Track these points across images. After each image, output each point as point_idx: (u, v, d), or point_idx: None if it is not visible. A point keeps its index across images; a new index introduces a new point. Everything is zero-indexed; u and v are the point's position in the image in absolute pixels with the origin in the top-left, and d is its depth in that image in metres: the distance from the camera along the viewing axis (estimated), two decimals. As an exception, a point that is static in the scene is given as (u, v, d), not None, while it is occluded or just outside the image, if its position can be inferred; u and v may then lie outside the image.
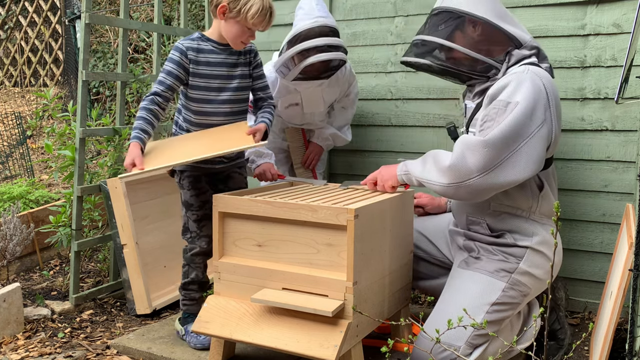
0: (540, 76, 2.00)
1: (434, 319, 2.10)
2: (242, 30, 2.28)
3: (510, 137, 1.92)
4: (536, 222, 2.13)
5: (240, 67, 2.41)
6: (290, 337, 1.94)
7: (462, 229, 2.27)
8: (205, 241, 2.44)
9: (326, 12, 2.64)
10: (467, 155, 1.94)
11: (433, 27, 2.15)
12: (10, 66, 7.46)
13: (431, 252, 2.45)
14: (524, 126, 1.93)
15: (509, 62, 2.08)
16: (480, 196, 2.01)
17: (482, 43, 2.09)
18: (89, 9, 2.77)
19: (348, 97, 2.96)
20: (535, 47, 2.11)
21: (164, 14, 5.58)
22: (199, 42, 2.34)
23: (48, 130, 3.72)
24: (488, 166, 1.92)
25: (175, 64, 2.29)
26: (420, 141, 3.05)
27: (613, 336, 1.96)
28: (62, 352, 2.43)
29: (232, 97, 2.40)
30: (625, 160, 2.59)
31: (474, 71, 2.12)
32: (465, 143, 1.97)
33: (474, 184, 1.94)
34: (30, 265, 3.45)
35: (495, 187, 1.97)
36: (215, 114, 2.38)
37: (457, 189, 1.97)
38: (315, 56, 2.54)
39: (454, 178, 1.96)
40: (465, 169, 1.94)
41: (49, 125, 5.72)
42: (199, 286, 2.49)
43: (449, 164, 1.97)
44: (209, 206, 2.43)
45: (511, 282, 2.08)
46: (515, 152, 1.93)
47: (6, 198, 3.66)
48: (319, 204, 1.96)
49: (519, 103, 1.94)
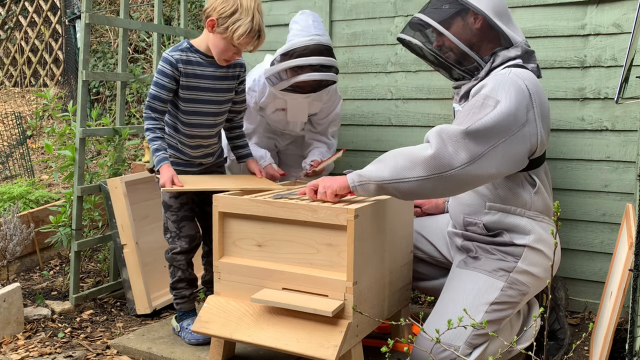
0: (523, 78, 1.99)
1: (433, 319, 2.10)
2: (228, 47, 2.26)
3: (490, 131, 1.90)
4: (532, 220, 2.13)
5: (227, 81, 2.42)
6: (290, 337, 1.94)
7: (459, 229, 2.27)
8: (185, 241, 2.45)
9: (322, 30, 2.63)
10: (449, 145, 1.89)
11: (432, 8, 2.15)
12: (10, 66, 7.46)
13: (430, 252, 2.45)
14: (506, 124, 1.92)
15: (493, 63, 2.08)
16: (460, 189, 1.97)
17: (474, 37, 2.10)
18: (89, 9, 2.77)
19: (329, 115, 2.90)
20: (523, 48, 2.10)
21: (164, 14, 5.58)
22: (188, 53, 2.33)
23: (48, 130, 3.73)
24: (471, 157, 1.89)
25: (167, 77, 2.30)
26: (420, 141, 3.04)
27: (613, 336, 1.96)
28: (62, 352, 2.43)
29: (219, 110, 2.42)
30: (625, 160, 2.59)
31: (459, 64, 2.12)
32: (444, 132, 1.91)
33: (457, 175, 1.89)
34: (30, 265, 3.45)
35: (474, 180, 1.93)
36: (202, 126, 2.42)
37: (437, 180, 1.89)
38: (308, 74, 2.53)
39: (436, 169, 1.88)
40: (448, 158, 1.88)
41: (49, 125, 5.72)
42: (187, 284, 2.50)
43: (432, 153, 1.88)
44: (188, 207, 2.47)
45: (510, 281, 2.08)
46: (494, 147, 1.91)
47: (6, 198, 3.66)
48: (319, 204, 1.96)
49: (499, 101, 1.93)
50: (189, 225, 2.47)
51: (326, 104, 2.86)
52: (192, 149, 2.44)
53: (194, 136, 2.42)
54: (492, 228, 2.16)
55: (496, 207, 2.14)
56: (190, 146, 2.43)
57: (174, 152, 2.44)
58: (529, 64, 2.10)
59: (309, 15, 2.64)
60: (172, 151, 2.43)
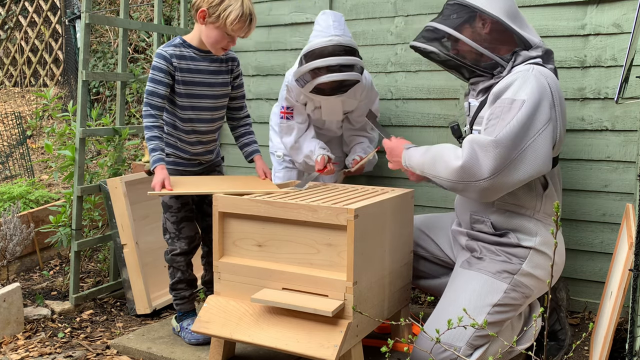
0: (545, 75, 2.01)
1: (435, 319, 2.10)
2: (222, 36, 2.27)
3: (518, 135, 1.92)
4: (540, 222, 2.12)
5: (222, 75, 2.42)
6: (290, 337, 1.94)
7: (465, 228, 2.26)
8: (184, 242, 2.45)
9: (343, 29, 2.60)
10: (480, 156, 1.94)
11: (446, 16, 2.16)
12: (10, 66, 7.45)
13: (433, 251, 2.45)
14: (531, 124, 1.93)
15: (515, 62, 2.08)
16: (489, 197, 2.01)
17: (491, 40, 2.10)
18: (89, 9, 2.77)
19: (365, 113, 2.84)
20: (544, 48, 2.11)
21: (164, 14, 5.57)
22: (181, 48, 2.34)
23: (48, 130, 3.73)
24: (499, 167, 1.92)
25: (162, 72, 2.30)
26: (420, 141, 3.04)
27: (613, 336, 1.96)
28: (62, 352, 2.43)
29: (215, 105, 2.42)
30: (625, 160, 2.59)
31: (478, 66, 2.12)
32: (475, 142, 1.96)
33: (485, 185, 1.95)
34: (30, 265, 3.45)
35: (504, 187, 1.97)
36: (200, 121, 2.41)
37: (466, 187, 1.99)
38: (327, 76, 2.51)
39: (464, 178, 1.97)
40: (477, 170, 1.94)
41: (49, 125, 5.72)
42: (186, 284, 2.51)
43: (460, 164, 1.96)
44: (188, 208, 2.46)
45: (513, 283, 2.08)
46: (523, 150, 1.93)
47: (6, 198, 3.66)
48: (319, 204, 1.96)
49: (525, 101, 1.94)
50: (188, 226, 2.47)
51: (363, 101, 2.83)
52: (192, 146, 2.44)
53: (193, 132, 2.41)
54: (499, 227, 2.16)
55: (505, 206, 2.14)
56: (189, 142, 2.43)
57: (174, 150, 2.44)
58: (548, 64, 2.10)
59: (329, 16, 2.62)
60: (172, 150, 2.43)
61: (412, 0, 3.01)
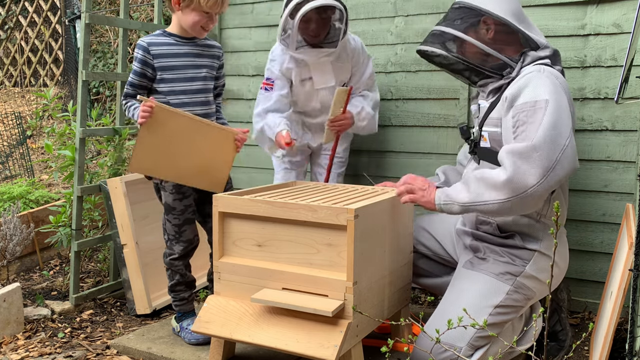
0: (556, 76, 2.00)
1: (436, 318, 2.10)
2: (199, 17, 2.31)
3: (554, 134, 1.88)
4: (546, 225, 2.11)
5: (207, 58, 2.45)
6: (290, 337, 1.94)
7: (470, 228, 2.25)
8: (182, 246, 2.45)
9: None
10: (522, 165, 1.88)
11: (452, 20, 2.15)
12: (10, 66, 7.45)
13: (435, 249, 2.44)
14: (562, 122, 1.91)
15: (524, 62, 2.08)
16: (537, 204, 1.96)
17: (498, 42, 2.10)
18: (89, 9, 2.77)
19: (362, 77, 2.82)
20: (552, 49, 2.11)
21: (164, 14, 5.57)
22: (160, 37, 2.39)
23: (48, 130, 3.73)
24: (545, 171, 1.87)
25: (140, 62, 2.34)
26: (420, 141, 3.05)
27: (613, 336, 1.96)
28: (62, 352, 2.43)
29: (205, 86, 2.44)
30: (625, 160, 2.59)
31: (487, 68, 2.11)
32: (513, 152, 1.91)
33: (535, 193, 1.88)
34: (30, 265, 3.45)
35: (550, 190, 1.93)
36: (191, 104, 2.41)
37: (515, 201, 1.90)
38: (306, 6, 2.46)
39: (513, 191, 1.89)
40: (523, 179, 1.88)
41: (49, 125, 5.72)
42: (185, 286, 2.51)
43: (506, 178, 1.89)
44: (191, 210, 2.45)
45: (516, 285, 2.07)
46: (565, 149, 1.89)
47: (6, 198, 3.66)
48: (319, 204, 1.96)
49: (548, 100, 1.92)
50: (190, 228, 2.46)
51: (355, 67, 2.79)
52: None
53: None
54: (505, 229, 2.15)
55: None
56: None
57: None
58: (556, 66, 2.09)
59: None
60: None
61: (412, 0, 3.01)
